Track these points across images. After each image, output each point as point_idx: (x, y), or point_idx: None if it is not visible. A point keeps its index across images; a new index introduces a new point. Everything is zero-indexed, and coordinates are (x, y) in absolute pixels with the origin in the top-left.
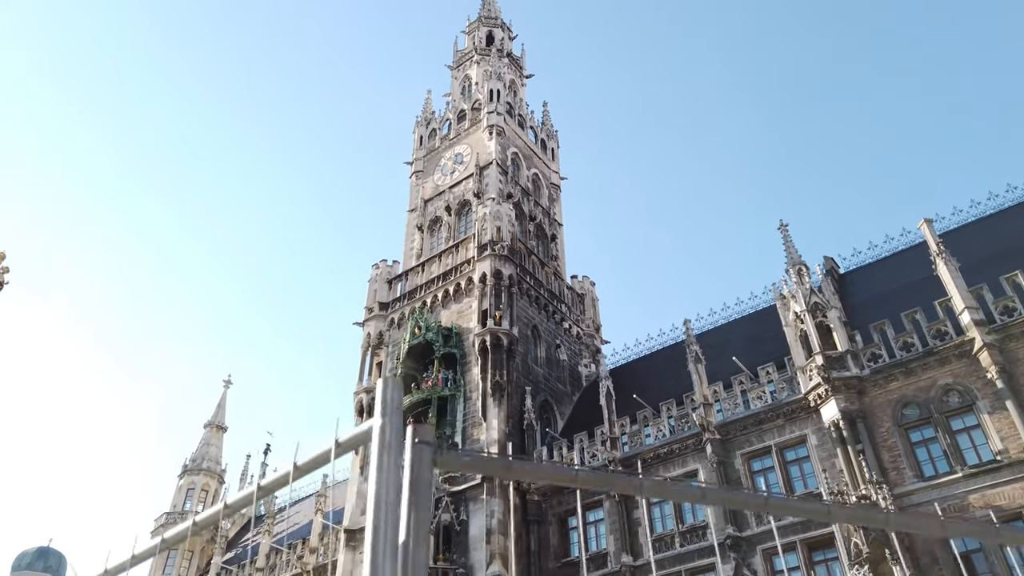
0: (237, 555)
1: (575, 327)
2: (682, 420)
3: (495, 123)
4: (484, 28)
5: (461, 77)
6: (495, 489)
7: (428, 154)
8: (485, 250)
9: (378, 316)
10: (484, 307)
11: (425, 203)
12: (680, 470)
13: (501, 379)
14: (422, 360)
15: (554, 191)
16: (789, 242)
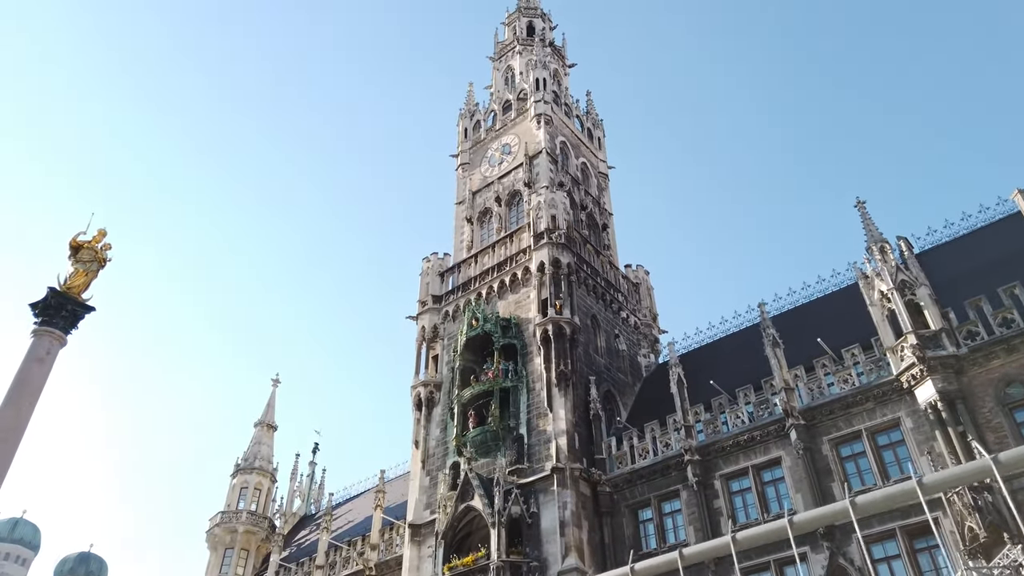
0: (292, 553)
1: (632, 317)
2: (761, 406)
3: (543, 112)
4: (524, 19)
5: (503, 68)
6: (566, 480)
7: (474, 146)
8: (541, 239)
9: (432, 309)
10: (543, 296)
11: (473, 195)
12: (762, 458)
13: (566, 368)
14: (480, 352)
15: (602, 180)
16: (868, 220)
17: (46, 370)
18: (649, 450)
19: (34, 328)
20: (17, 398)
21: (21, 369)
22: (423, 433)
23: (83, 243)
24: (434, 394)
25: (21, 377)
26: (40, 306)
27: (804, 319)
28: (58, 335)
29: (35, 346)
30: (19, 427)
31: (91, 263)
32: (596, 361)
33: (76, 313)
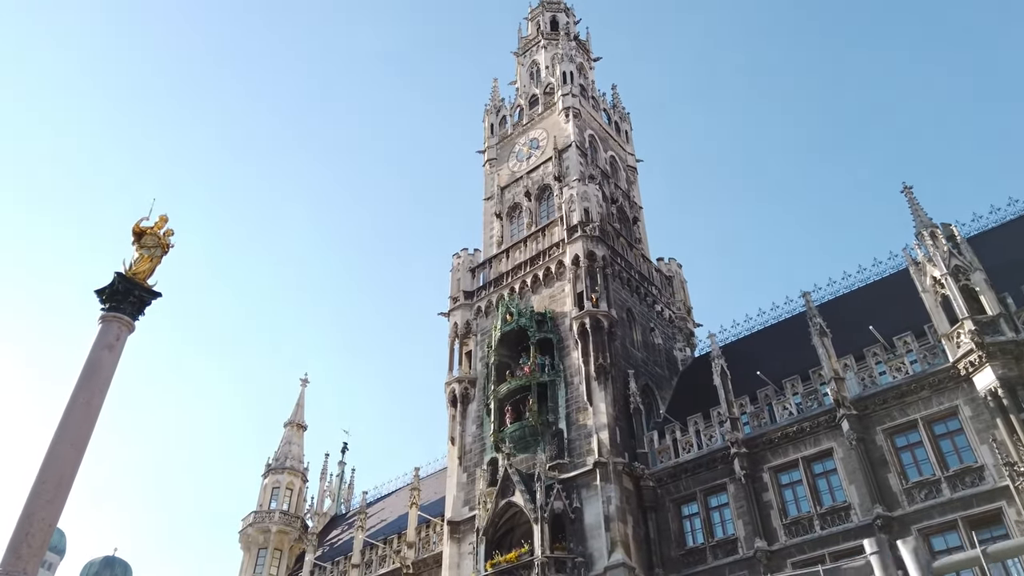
0: (324, 553)
1: (667, 310)
2: (810, 397)
3: (571, 105)
4: (548, 13)
5: (528, 63)
6: (609, 475)
7: (500, 141)
8: (575, 232)
9: (464, 305)
10: (579, 290)
11: (502, 190)
12: (812, 449)
13: (604, 362)
14: (515, 347)
15: (631, 174)
16: (916, 205)
17: (115, 357)
18: (693, 443)
19: (102, 314)
20: (89, 385)
21: (91, 356)
22: (459, 430)
23: (146, 229)
24: (469, 390)
25: (91, 364)
26: (107, 292)
27: (847, 308)
28: (126, 321)
29: (104, 332)
30: (91, 415)
31: (155, 248)
32: (633, 355)
33: (143, 299)
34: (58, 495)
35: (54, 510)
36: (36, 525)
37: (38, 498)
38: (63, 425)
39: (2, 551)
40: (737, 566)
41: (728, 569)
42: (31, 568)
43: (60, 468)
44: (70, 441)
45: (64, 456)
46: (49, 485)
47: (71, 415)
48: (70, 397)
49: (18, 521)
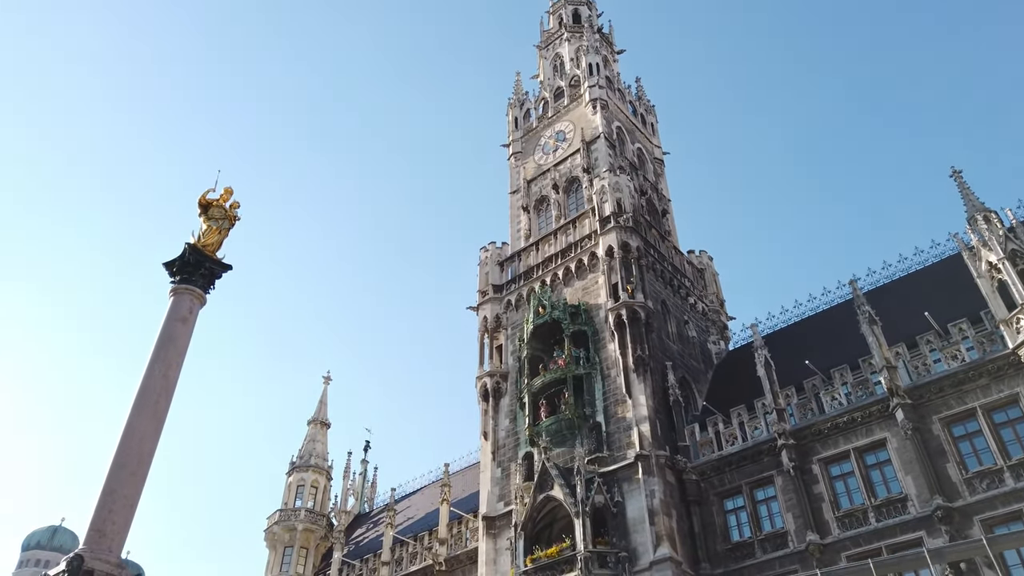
0: (350, 551)
1: (700, 303)
2: (860, 386)
3: (598, 96)
4: (570, 6)
5: (551, 56)
6: (652, 468)
7: (525, 135)
8: (608, 223)
9: (493, 299)
10: (613, 281)
11: (528, 183)
12: (864, 440)
13: (643, 353)
14: (547, 340)
15: (658, 166)
16: (967, 190)
17: (189, 330)
18: (737, 436)
19: (173, 286)
20: (164, 357)
21: (165, 328)
22: (491, 424)
23: (212, 201)
24: (501, 384)
25: (166, 336)
26: (177, 264)
27: (895, 296)
28: (198, 294)
29: (177, 305)
30: (169, 388)
31: (222, 221)
32: (669, 347)
33: (213, 271)
34: (139, 470)
35: (136, 486)
36: (119, 502)
37: (120, 473)
38: (140, 398)
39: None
40: (788, 560)
41: (779, 563)
42: (115, 547)
43: (140, 442)
44: (149, 414)
45: (144, 430)
46: (131, 460)
47: (148, 388)
48: (146, 370)
49: (100, 498)
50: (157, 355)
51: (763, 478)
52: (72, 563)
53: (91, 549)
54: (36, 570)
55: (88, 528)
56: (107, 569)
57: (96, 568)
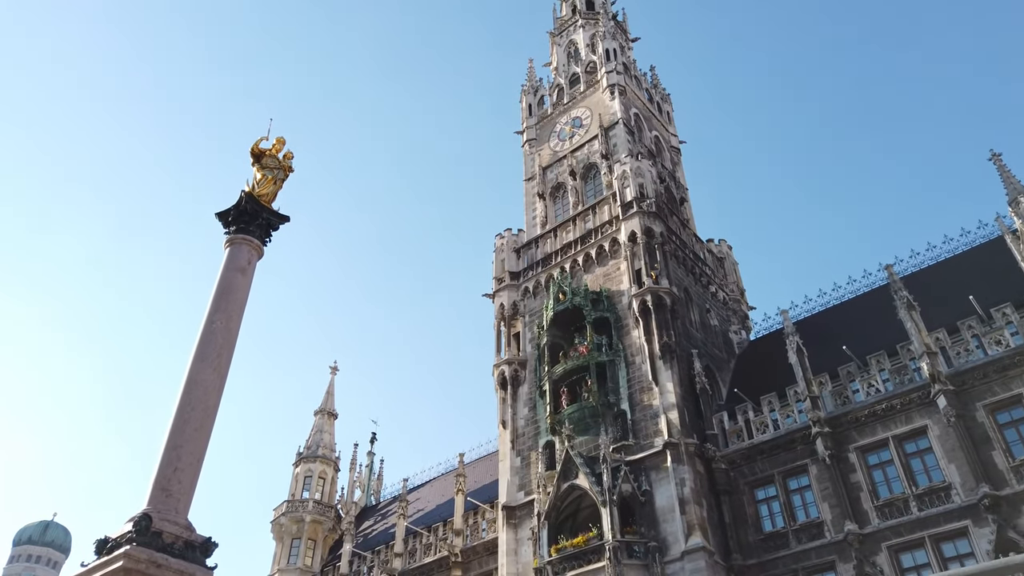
0: (358, 543)
1: (721, 291)
2: (898, 372)
3: (615, 82)
4: None
5: (565, 43)
6: (681, 456)
7: (539, 122)
8: (630, 208)
9: (510, 286)
10: (636, 267)
11: (544, 170)
12: (903, 427)
13: (669, 340)
14: (567, 328)
15: (675, 155)
16: (1007, 172)
17: (248, 282)
18: (768, 424)
19: (229, 236)
20: (225, 307)
21: (223, 278)
22: (510, 413)
23: (265, 150)
24: (519, 372)
25: (225, 286)
26: (233, 213)
27: (925, 284)
28: (256, 244)
29: (235, 255)
30: (231, 339)
31: (276, 171)
32: (693, 335)
33: (270, 223)
34: (204, 424)
35: (201, 441)
36: (185, 459)
37: (184, 428)
38: (201, 350)
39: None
40: (824, 550)
41: (815, 553)
42: (183, 508)
43: (205, 395)
44: (211, 366)
45: (207, 382)
46: (195, 414)
47: (209, 339)
48: (205, 320)
49: (163, 455)
50: (217, 305)
51: (796, 467)
52: (140, 523)
53: (157, 509)
54: (28, 564)
55: (152, 487)
56: (176, 531)
57: (165, 530)
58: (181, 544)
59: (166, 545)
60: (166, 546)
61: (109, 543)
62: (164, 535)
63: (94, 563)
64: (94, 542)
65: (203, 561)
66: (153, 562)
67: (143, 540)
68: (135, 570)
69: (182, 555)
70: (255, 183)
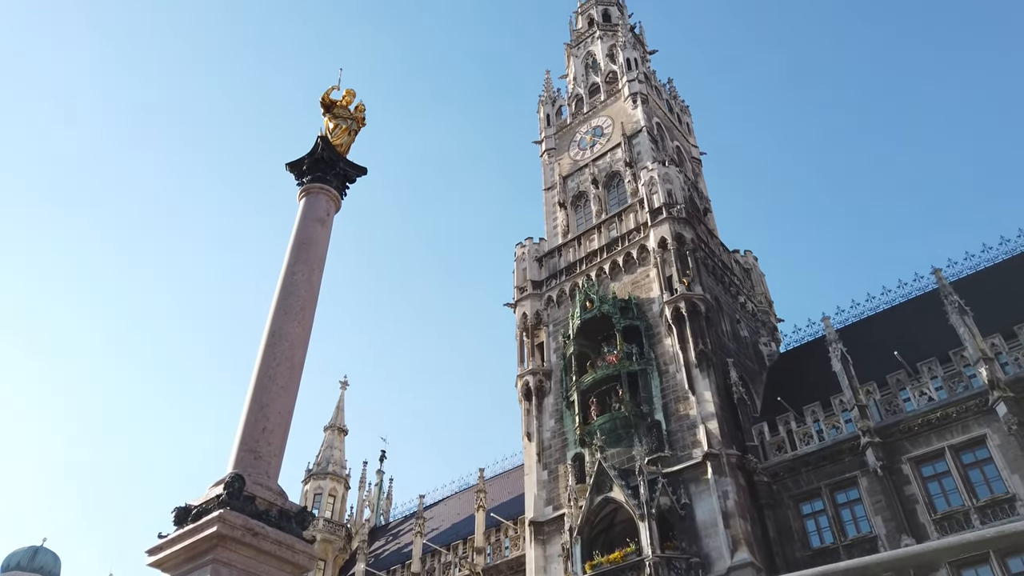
0: (370, 564)
1: (749, 302)
2: (952, 380)
3: (638, 91)
4: (600, 6)
5: (583, 54)
6: (723, 467)
7: (558, 131)
8: (659, 214)
9: (532, 295)
10: (667, 274)
11: (564, 179)
12: (960, 437)
13: (705, 348)
14: (594, 337)
15: (696, 165)
16: None
17: (327, 234)
18: (812, 435)
19: (305, 185)
20: (306, 258)
21: (301, 229)
22: (535, 425)
23: (335, 101)
24: (544, 383)
25: (304, 237)
26: (308, 161)
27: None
28: (334, 195)
29: (312, 205)
30: (313, 293)
31: (349, 121)
32: (726, 345)
33: (346, 174)
34: (291, 381)
35: (289, 400)
36: (273, 419)
37: (270, 384)
38: (283, 302)
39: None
40: (879, 567)
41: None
42: (273, 472)
43: (290, 349)
44: (296, 319)
45: (292, 335)
46: (281, 369)
47: (290, 291)
48: (284, 272)
49: (248, 414)
50: (296, 256)
51: (845, 479)
52: (232, 484)
53: (248, 475)
54: None
55: (238, 449)
56: (269, 498)
57: (258, 495)
58: (276, 512)
59: (260, 512)
60: (260, 513)
61: (194, 510)
62: (257, 501)
63: (176, 532)
64: (172, 511)
65: (300, 533)
66: (249, 530)
67: (236, 504)
68: (230, 537)
69: (278, 524)
70: (327, 133)
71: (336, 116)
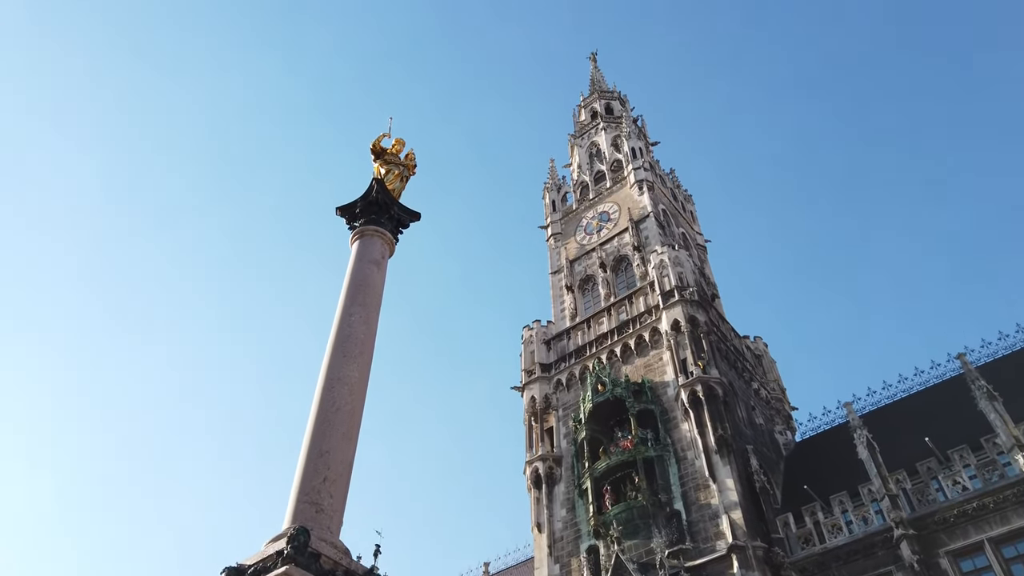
0: None
1: (763, 389)
2: (984, 468)
3: (644, 178)
4: (602, 101)
5: (587, 144)
6: (750, 560)
7: (564, 217)
8: (671, 296)
9: (541, 378)
10: (682, 357)
11: (571, 263)
12: (1000, 529)
13: (725, 433)
14: (606, 422)
15: (701, 252)
16: None
17: (383, 277)
18: (841, 526)
19: (359, 228)
20: (363, 300)
21: (356, 271)
22: (546, 515)
23: (386, 148)
24: (554, 470)
25: (360, 279)
26: (361, 204)
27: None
28: (388, 238)
29: (367, 247)
30: (371, 336)
31: (401, 167)
32: (743, 432)
33: (400, 219)
34: (352, 428)
35: (349, 449)
36: (335, 468)
37: (331, 431)
38: (339, 345)
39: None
40: None
41: None
42: (335, 525)
43: (349, 394)
44: (354, 363)
45: (350, 379)
46: (340, 415)
47: (347, 334)
48: (340, 315)
49: (306, 462)
50: (353, 299)
51: (879, 575)
52: (297, 539)
53: (310, 529)
54: None
55: (297, 500)
56: (335, 556)
57: (323, 552)
58: (341, 572)
59: (326, 571)
60: (326, 572)
61: (249, 569)
62: (322, 559)
63: None
64: (223, 572)
65: None
66: None
67: (302, 561)
68: None
69: None
70: (379, 177)
71: (387, 162)
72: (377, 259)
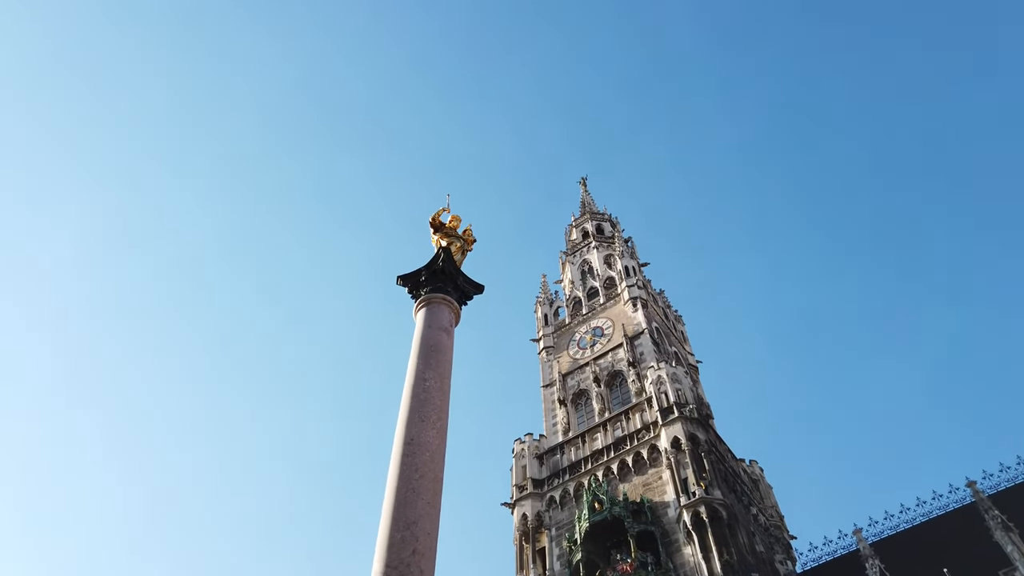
0: None
1: (761, 515)
2: None
3: (637, 295)
4: (593, 221)
5: (579, 262)
6: None
7: (556, 331)
8: (670, 413)
9: (533, 495)
10: (682, 476)
11: (564, 377)
12: None
13: (731, 559)
14: (603, 543)
15: (693, 373)
16: None
17: (452, 345)
18: None
19: (425, 296)
20: (436, 365)
21: (426, 336)
22: None
23: (444, 224)
24: None
25: (431, 344)
26: (427, 272)
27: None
28: (456, 308)
29: (435, 314)
30: (446, 401)
31: (461, 241)
32: (747, 560)
33: (465, 291)
34: (436, 497)
35: (435, 518)
36: (423, 540)
37: (416, 500)
38: (416, 409)
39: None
40: None
41: None
42: None
43: (431, 461)
44: (433, 428)
45: (431, 445)
46: (425, 482)
47: (423, 398)
48: (414, 379)
49: (391, 533)
50: (426, 363)
51: None
52: None
53: None
54: None
55: None
56: None
57: None
58: None
59: None
60: None
61: None
62: None
63: None
64: None
65: None
66: None
67: None
68: None
69: None
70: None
71: (447, 235)
72: (446, 326)
